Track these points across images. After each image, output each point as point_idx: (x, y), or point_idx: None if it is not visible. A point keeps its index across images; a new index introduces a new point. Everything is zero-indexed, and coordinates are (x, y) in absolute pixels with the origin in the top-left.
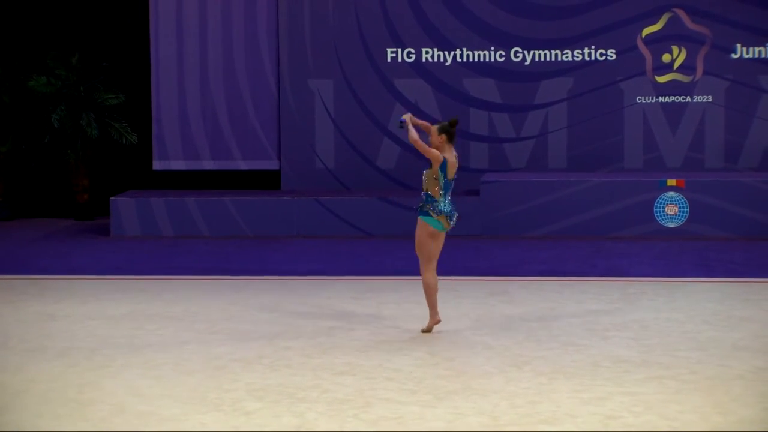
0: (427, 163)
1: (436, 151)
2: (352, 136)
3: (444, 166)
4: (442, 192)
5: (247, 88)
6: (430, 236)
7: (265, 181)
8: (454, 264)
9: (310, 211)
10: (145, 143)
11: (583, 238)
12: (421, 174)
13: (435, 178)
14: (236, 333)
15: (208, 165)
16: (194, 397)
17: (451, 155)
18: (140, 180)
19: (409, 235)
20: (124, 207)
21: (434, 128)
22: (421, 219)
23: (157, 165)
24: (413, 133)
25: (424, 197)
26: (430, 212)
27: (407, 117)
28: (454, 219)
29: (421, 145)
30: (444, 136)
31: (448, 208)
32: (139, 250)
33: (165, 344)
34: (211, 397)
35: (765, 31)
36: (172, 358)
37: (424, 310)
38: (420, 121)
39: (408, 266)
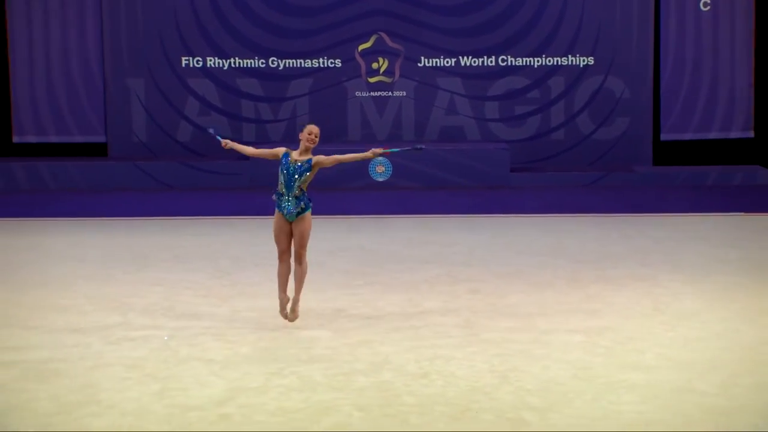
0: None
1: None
2: (158, 118)
3: None
4: None
5: (81, 84)
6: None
7: (96, 151)
8: (230, 208)
9: (129, 172)
10: (5, 122)
11: (321, 189)
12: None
13: (313, 176)
14: (77, 257)
15: (54, 138)
16: (46, 303)
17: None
18: (3, 149)
19: (198, 188)
20: None
21: (318, 128)
22: (309, 213)
23: (15, 138)
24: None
25: (301, 196)
26: (311, 205)
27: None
28: None
29: (349, 157)
30: None
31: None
32: (3, 201)
33: (22, 267)
34: (58, 303)
35: (439, 48)
36: (28, 276)
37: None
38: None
39: (203, 208)
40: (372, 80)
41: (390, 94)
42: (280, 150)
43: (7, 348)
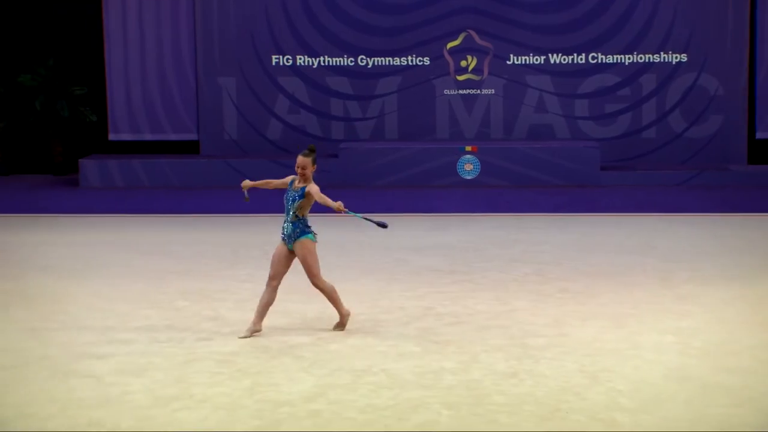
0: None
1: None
2: (249, 116)
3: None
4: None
5: (174, 83)
6: (315, 250)
7: (188, 148)
8: (319, 205)
9: (221, 169)
10: (102, 121)
11: (409, 187)
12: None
13: (309, 204)
14: (170, 253)
15: (148, 136)
16: (140, 298)
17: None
18: (100, 147)
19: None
20: (89, 166)
21: (309, 160)
22: (306, 239)
23: (111, 136)
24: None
25: (297, 222)
26: (310, 231)
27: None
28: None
29: (325, 201)
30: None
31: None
32: (99, 197)
33: (118, 262)
34: (152, 298)
35: (529, 45)
36: (124, 272)
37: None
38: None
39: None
40: (460, 78)
41: (478, 92)
42: (289, 178)
43: (103, 342)
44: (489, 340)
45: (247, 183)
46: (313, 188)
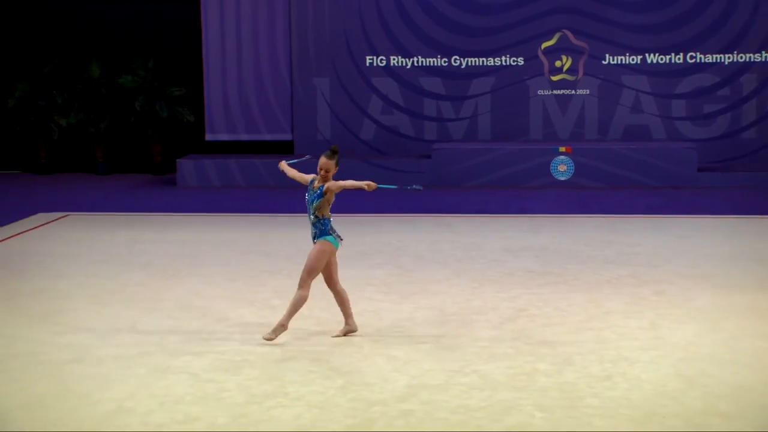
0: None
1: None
2: (342, 117)
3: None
4: (328, 212)
5: (270, 84)
6: (329, 255)
7: (282, 148)
8: (413, 205)
9: (313, 170)
10: (199, 122)
11: (502, 188)
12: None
13: (328, 203)
14: (265, 253)
15: (243, 136)
16: (236, 296)
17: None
18: (197, 147)
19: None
20: (186, 166)
21: (332, 163)
22: (326, 240)
23: (208, 137)
24: (347, 183)
25: (317, 222)
26: (332, 234)
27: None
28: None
29: (351, 184)
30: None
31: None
32: (196, 196)
33: (215, 261)
34: (248, 297)
35: (625, 45)
36: (220, 270)
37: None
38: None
39: (385, 206)
40: (555, 78)
41: (573, 92)
42: (309, 176)
43: (199, 339)
44: (583, 342)
45: (284, 166)
46: (331, 182)
